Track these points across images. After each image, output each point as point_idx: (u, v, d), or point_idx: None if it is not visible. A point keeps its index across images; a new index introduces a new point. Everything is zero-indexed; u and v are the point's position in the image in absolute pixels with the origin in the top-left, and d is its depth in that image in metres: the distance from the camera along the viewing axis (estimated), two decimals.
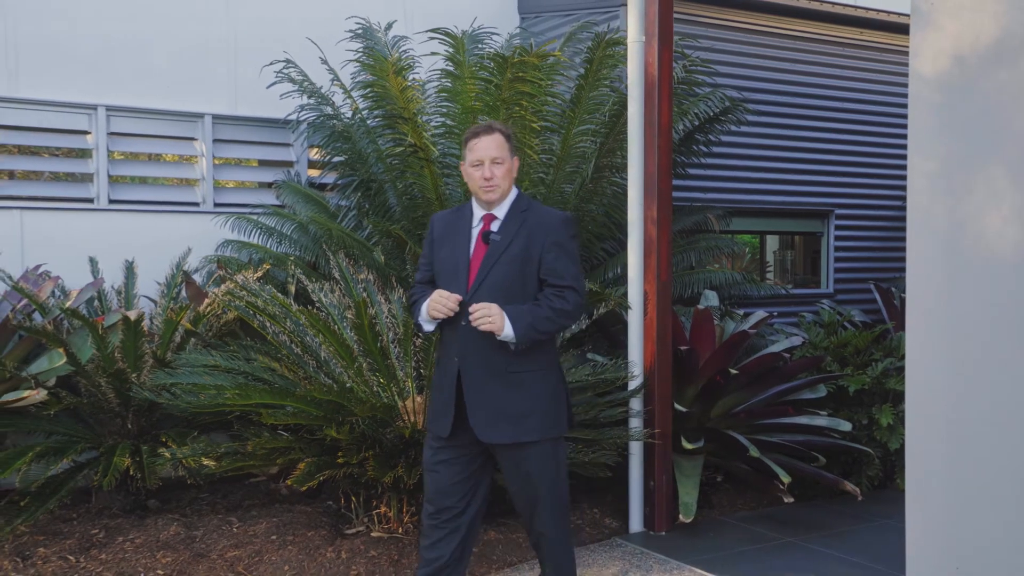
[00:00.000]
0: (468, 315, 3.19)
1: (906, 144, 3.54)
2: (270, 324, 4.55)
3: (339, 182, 6.26)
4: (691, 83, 6.10)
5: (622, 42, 5.18)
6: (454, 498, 3.32)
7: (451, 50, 5.39)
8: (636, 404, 4.79)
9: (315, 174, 6.66)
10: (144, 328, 4.80)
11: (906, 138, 3.53)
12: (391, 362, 4.44)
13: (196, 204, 6.32)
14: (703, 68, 6.12)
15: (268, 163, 6.76)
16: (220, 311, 5.16)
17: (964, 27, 3.31)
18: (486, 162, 3.27)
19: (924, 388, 3.46)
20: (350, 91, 5.99)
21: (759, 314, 5.81)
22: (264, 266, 5.50)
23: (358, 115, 6.04)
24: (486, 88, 5.25)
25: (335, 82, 5.99)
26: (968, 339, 3.32)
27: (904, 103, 3.60)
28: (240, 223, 6.09)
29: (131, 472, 4.77)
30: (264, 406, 4.10)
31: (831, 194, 7.50)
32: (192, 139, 6.35)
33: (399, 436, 4.22)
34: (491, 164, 3.27)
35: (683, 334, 5.33)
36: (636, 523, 4.86)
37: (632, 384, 4.79)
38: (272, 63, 6.04)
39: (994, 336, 3.25)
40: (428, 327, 3.35)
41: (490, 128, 3.34)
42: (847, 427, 5.27)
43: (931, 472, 3.44)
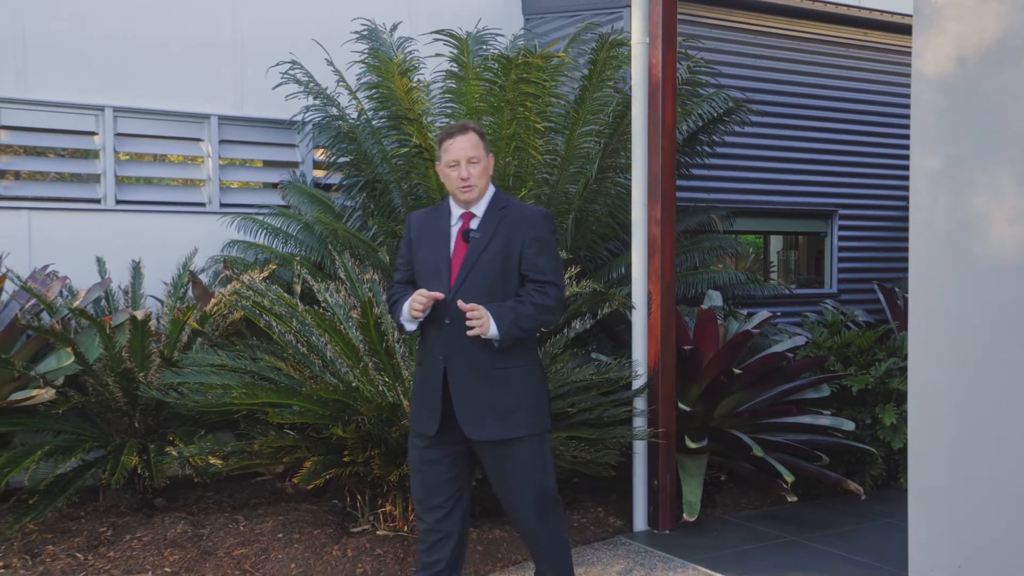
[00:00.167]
0: (452, 314, 3.19)
1: (909, 144, 3.55)
2: (276, 324, 4.57)
3: (344, 182, 6.29)
4: (695, 84, 6.11)
5: (626, 43, 5.20)
6: (442, 497, 3.34)
7: (456, 51, 5.41)
8: (640, 403, 4.81)
9: (320, 175, 6.69)
10: (151, 328, 4.83)
11: (909, 138, 3.55)
12: (396, 361, 4.46)
13: (202, 204, 6.35)
14: (707, 69, 6.13)
15: (273, 164, 6.79)
16: (226, 311, 5.19)
17: (966, 28, 3.33)
18: (462, 162, 3.26)
19: (926, 388, 3.48)
20: (355, 92, 6.02)
21: (763, 314, 5.82)
22: (270, 266, 5.52)
23: (363, 116, 6.07)
24: (490, 89, 5.28)
25: (340, 83, 6.03)
26: (970, 339, 3.34)
27: (907, 103, 3.61)
28: (246, 223, 6.12)
29: (138, 471, 4.80)
30: (270, 405, 4.12)
31: (835, 194, 7.52)
32: (198, 140, 6.38)
33: (404, 435, 4.24)
34: (467, 164, 3.26)
35: (687, 334, 5.35)
36: (640, 522, 4.88)
37: (636, 383, 4.81)
38: (278, 64, 6.07)
39: (996, 336, 3.27)
40: (410, 327, 3.32)
41: (464, 128, 3.33)
42: (850, 427, 5.28)
43: (933, 471, 3.46)
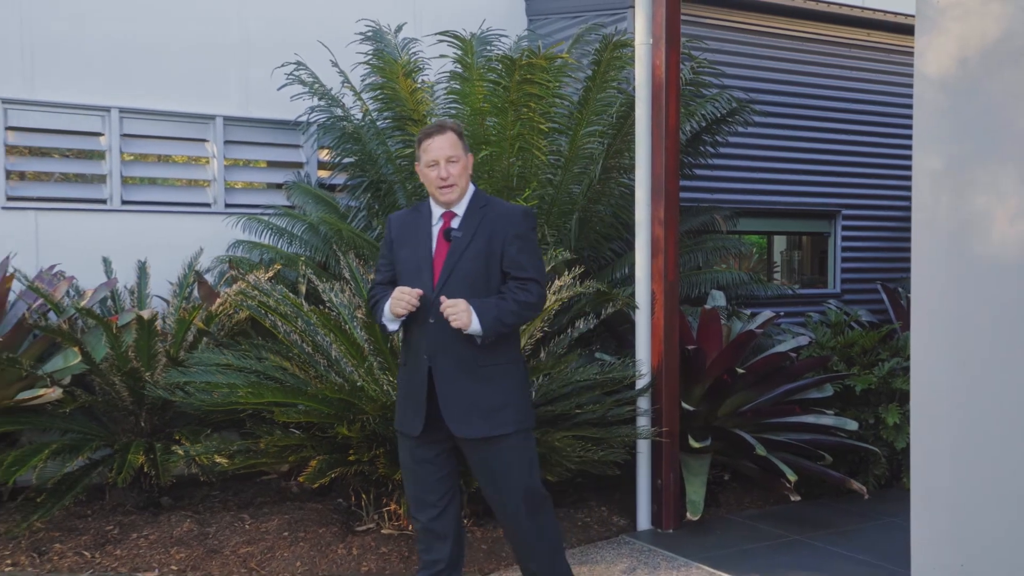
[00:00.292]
0: (436, 313, 3.19)
1: (912, 144, 3.57)
2: (282, 323, 4.59)
3: (349, 183, 6.31)
4: (698, 84, 6.13)
5: (629, 44, 5.21)
6: (436, 495, 3.36)
7: (460, 52, 5.42)
8: (644, 403, 4.83)
9: (325, 175, 6.72)
10: (157, 327, 4.86)
11: (912, 138, 3.56)
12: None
13: (207, 205, 6.38)
14: (710, 70, 6.15)
15: (278, 164, 6.82)
16: (232, 311, 5.22)
17: (969, 30, 3.35)
18: (441, 162, 3.27)
19: (928, 388, 3.49)
20: (360, 93, 6.04)
21: (766, 314, 5.84)
22: (275, 266, 5.54)
23: (368, 117, 6.10)
24: (494, 90, 5.30)
25: (345, 84, 6.05)
26: (972, 339, 3.35)
27: (910, 103, 3.62)
28: (251, 224, 6.15)
29: (145, 469, 4.84)
30: (276, 404, 4.15)
31: (838, 195, 7.53)
32: (203, 140, 6.42)
33: None
34: (446, 163, 3.27)
35: (690, 334, 5.36)
36: (644, 521, 4.90)
37: (640, 383, 4.83)
38: (283, 65, 6.09)
39: (998, 335, 3.28)
40: (392, 326, 3.32)
41: (442, 127, 3.33)
42: (853, 426, 5.29)
43: (935, 471, 3.47)
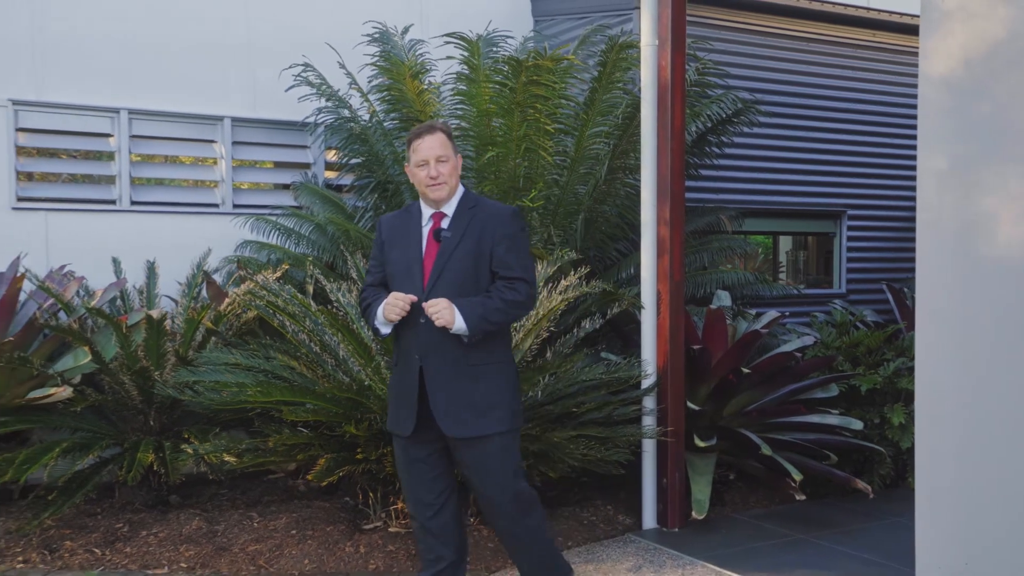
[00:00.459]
0: (425, 314, 3.21)
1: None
2: (290, 323, 4.62)
3: (356, 183, 6.35)
4: (703, 85, 6.14)
5: (635, 45, 5.23)
6: (432, 494, 3.38)
7: (466, 54, 5.45)
8: (649, 402, 4.85)
9: (332, 176, 6.75)
10: (166, 327, 4.89)
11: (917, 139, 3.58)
12: None
13: (215, 205, 6.42)
14: (715, 70, 6.16)
15: (285, 165, 6.86)
16: (240, 310, 5.25)
17: (973, 31, 3.36)
18: (431, 161, 3.30)
19: (933, 388, 3.51)
20: (367, 94, 6.07)
21: (771, 314, 5.85)
22: (283, 266, 5.57)
23: (375, 118, 6.13)
24: (501, 91, 5.32)
25: (352, 85, 6.08)
26: (976, 339, 3.36)
27: (915, 104, 3.64)
28: (259, 224, 6.18)
29: (154, 468, 4.87)
30: (284, 403, 4.18)
31: (843, 195, 7.54)
32: (211, 141, 6.45)
33: None
34: (436, 163, 3.30)
35: (696, 333, 5.38)
36: (649, 520, 4.92)
37: (645, 383, 4.85)
38: (291, 67, 6.13)
39: (1002, 336, 3.29)
40: (385, 330, 3.35)
41: (432, 128, 3.37)
42: (859, 426, 5.30)
43: (940, 471, 3.48)
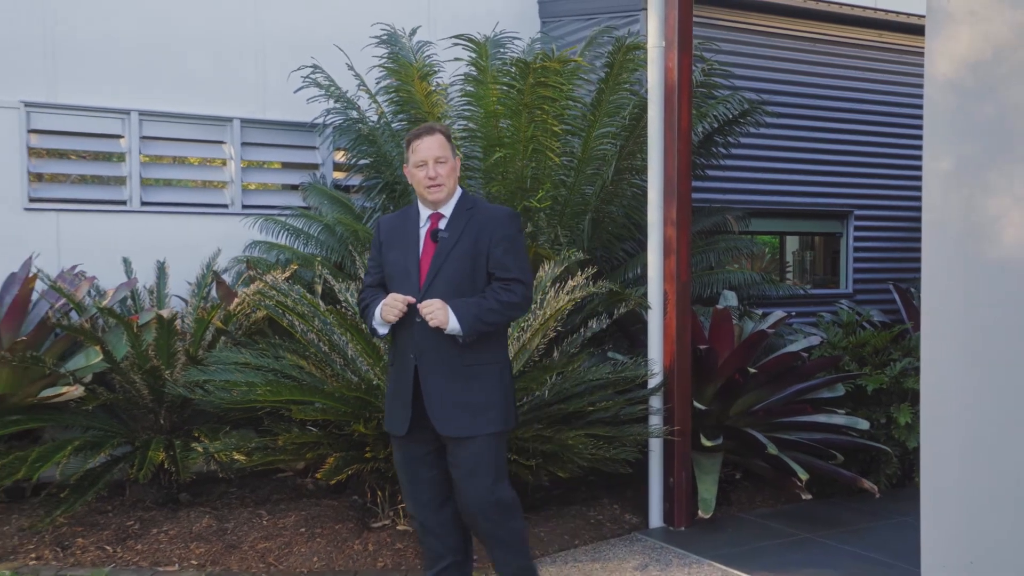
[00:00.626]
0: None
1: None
2: (299, 323, 4.65)
3: (364, 184, 6.38)
4: (710, 86, 6.16)
5: (642, 47, 5.26)
6: (430, 493, 3.41)
7: (474, 55, 5.48)
8: (656, 402, 4.87)
9: (340, 176, 6.79)
10: (177, 327, 4.94)
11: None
12: None
13: (225, 206, 6.47)
14: (722, 71, 6.18)
15: (294, 166, 6.90)
16: (249, 310, 5.29)
17: (978, 33, 3.38)
18: (430, 162, 3.33)
19: (938, 388, 3.51)
20: (375, 95, 6.11)
21: (777, 314, 5.86)
22: (292, 266, 5.61)
23: (383, 119, 6.17)
24: (508, 92, 5.35)
25: (361, 87, 6.12)
26: (981, 340, 3.37)
27: (922, 104, 3.65)
28: (268, 224, 6.23)
29: (164, 466, 4.92)
30: (294, 402, 4.21)
31: (850, 195, 7.54)
32: (221, 142, 6.50)
33: None
34: (435, 164, 3.33)
35: (702, 333, 5.40)
36: (656, 518, 4.94)
37: (652, 382, 4.87)
38: (300, 68, 6.17)
39: (1007, 337, 3.30)
40: (382, 330, 3.38)
41: (431, 129, 3.40)
42: (865, 425, 5.30)
43: (945, 471, 3.49)
